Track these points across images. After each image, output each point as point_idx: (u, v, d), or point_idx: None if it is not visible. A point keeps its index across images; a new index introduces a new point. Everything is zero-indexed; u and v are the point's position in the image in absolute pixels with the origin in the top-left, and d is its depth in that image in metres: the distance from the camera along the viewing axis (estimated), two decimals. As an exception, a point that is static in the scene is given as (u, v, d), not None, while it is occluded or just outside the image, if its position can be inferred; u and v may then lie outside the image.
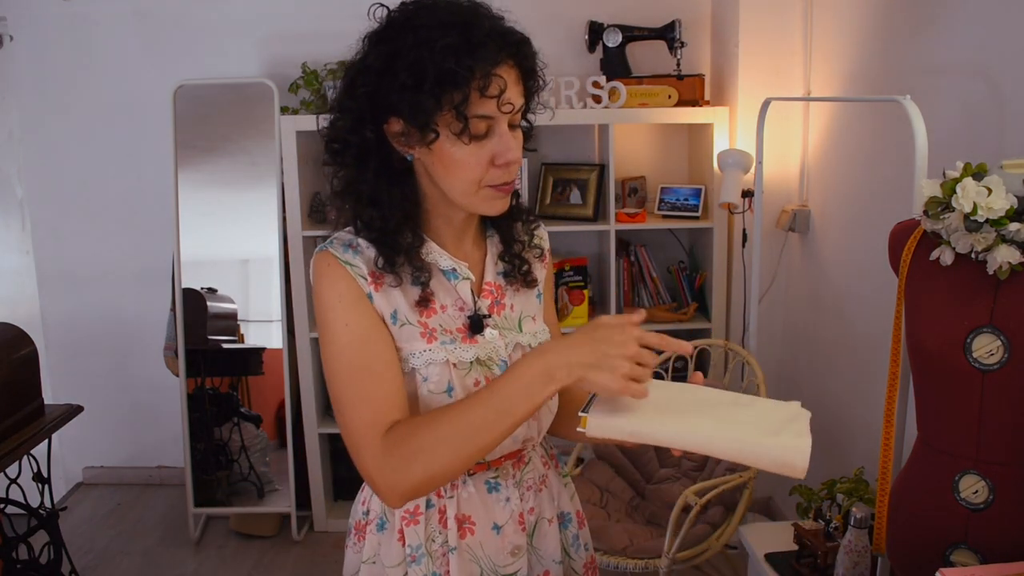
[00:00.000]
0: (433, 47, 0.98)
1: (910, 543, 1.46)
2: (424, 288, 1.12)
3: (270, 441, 3.21)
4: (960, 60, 1.91)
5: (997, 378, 1.30)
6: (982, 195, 1.30)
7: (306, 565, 2.99)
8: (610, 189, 2.96)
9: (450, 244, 1.17)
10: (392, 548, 1.19)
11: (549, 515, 1.26)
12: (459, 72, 0.98)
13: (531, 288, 1.24)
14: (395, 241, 1.10)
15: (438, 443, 1.02)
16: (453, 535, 1.17)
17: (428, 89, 0.99)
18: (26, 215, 3.40)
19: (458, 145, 1.04)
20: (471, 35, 0.99)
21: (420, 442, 1.02)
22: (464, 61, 0.98)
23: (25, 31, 3.25)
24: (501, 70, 1.02)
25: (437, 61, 0.98)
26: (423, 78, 0.99)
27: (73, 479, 3.61)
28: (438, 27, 1.00)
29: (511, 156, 1.05)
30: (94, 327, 3.47)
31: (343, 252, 1.11)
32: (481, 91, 1.00)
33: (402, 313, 1.12)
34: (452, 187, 1.08)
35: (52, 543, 2.43)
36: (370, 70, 1.04)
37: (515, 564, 1.20)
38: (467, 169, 1.05)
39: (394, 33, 1.03)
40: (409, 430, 1.04)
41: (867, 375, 2.40)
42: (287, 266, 3.00)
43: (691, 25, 3.10)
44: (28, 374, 2.32)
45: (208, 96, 3.08)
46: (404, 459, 1.02)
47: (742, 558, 2.49)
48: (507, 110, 1.03)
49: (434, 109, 1.00)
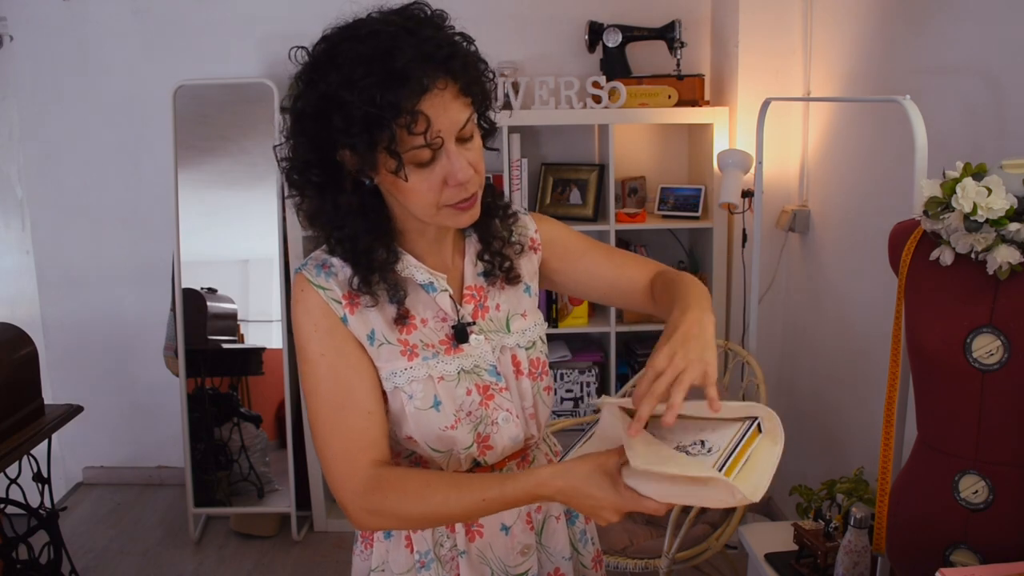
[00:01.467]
0: (355, 87, 0.95)
1: (910, 543, 1.46)
2: (400, 306, 1.11)
3: (270, 441, 3.21)
4: (960, 60, 1.91)
5: (997, 378, 1.30)
6: (982, 195, 1.30)
7: (306, 565, 2.99)
8: (610, 189, 2.96)
9: (427, 254, 1.15)
10: (400, 555, 1.19)
11: (556, 512, 1.27)
12: (382, 115, 0.95)
13: (515, 284, 1.22)
14: (369, 259, 1.08)
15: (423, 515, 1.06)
16: (461, 539, 1.17)
17: (357, 132, 0.97)
18: (26, 215, 3.40)
19: (411, 172, 1.01)
20: (392, 67, 0.95)
21: (404, 505, 1.05)
22: (386, 99, 0.95)
23: (25, 31, 3.25)
24: (429, 98, 0.97)
25: (361, 103, 0.95)
26: (351, 121, 0.97)
27: (73, 479, 3.61)
28: (360, 63, 0.96)
29: (461, 177, 1.02)
30: (94, 327, 3.47)
31: (316, 275, 1.10)
32: (408, 129, 0.96)
33: (380, 333, 1.11)
34: (413, 210, 1.07)
35: (52, 543, 2.43)
36: (305, 115, 1.02)
37: (525, 563, 1.21)
38: (420, 195, 1.03)
39: (319, 75, 1.00)
40: (398, 487, 1.06)
41: (867, 375, 2.40)
42: (287, 266, 3.00)
43: (691, 25, 3.10)
44: (28, 374, 2.32)
45: (208, 96, 3.08)
46: (384, 511, 1.06)
47: (742, 558, 2.49)
48: (437, 144, 0.99)
49: (369, 149, 0.98)
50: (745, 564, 2.34)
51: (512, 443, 1.18)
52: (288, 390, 3.08)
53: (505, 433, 1.16)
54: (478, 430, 1.14)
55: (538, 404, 1.21)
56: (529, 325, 1.22)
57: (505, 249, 1.21)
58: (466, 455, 1.14)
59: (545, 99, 2.91)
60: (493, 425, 1.15)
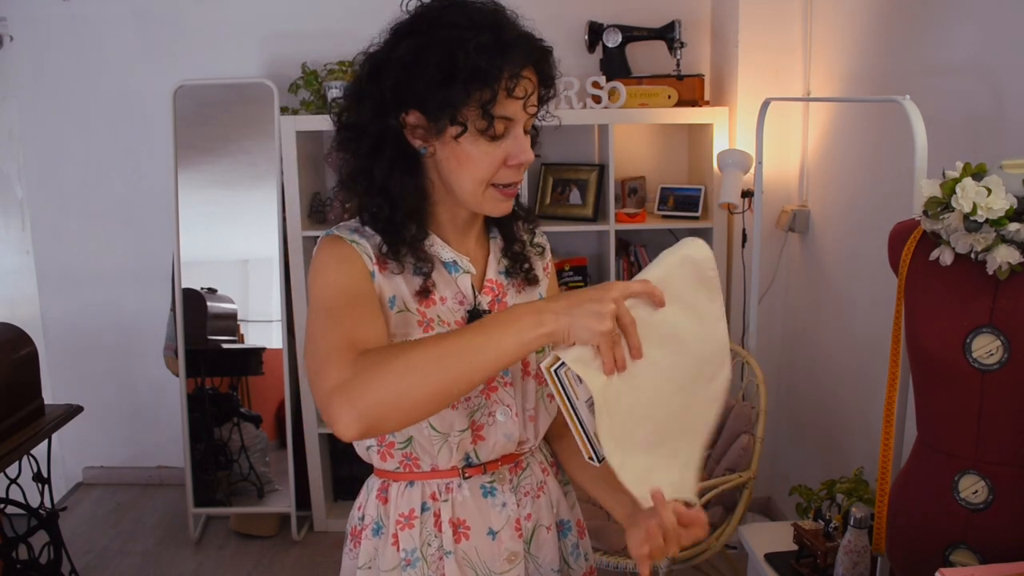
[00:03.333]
0: (466, 44, 1.00)
1: (910, 543, 1.46)
2: (426, 279, 1.13)
3: (270, 441, 3.21)
4: (960, 60, 1.91)
5: (997, 378, 1.30)
6: (982, 195, 1.30)
7: (306, 565, 2.99)
8: (610, 189, 2.96)
9: (453, 240, 1.18)
10: (387, 552, 1.19)
11: (547, 522, 1.25)
12: (490, 71, 1.00)
13: (533, 286, 1.25)
14: (400, 233, 1.11)
15: (412, 364, 0.93)
16: (448, 539, 1.17)
17: (459, 85, 1.01)
18: (26, 215, 3.40)
19: (477, 143, 1.05)
20: (502, 36, 1.02)
21: (392, 360, 0.93)
22: (495, 60, 1.01)
23: (25, 31, 3.26)
24: (527, 73, 1.05)
25: (470, 58, 1.00)
26: (454, 74, 1.00)
27: (73, 479, 3.61)
28: (470, 26, 1.01)
29: (524, 158, 1.07)
30: (94, 327, 3.47)
31: (350, 234, 1.12)
32: (508, 91, 1.03)
33: (401, 299, 1.12)
34: (461, 184, 1.09)
35: (52, 543, 2.43)
36: (398, 61, 1.05)
37: (512, 571, 1.19)
38: (480, 167, 1.07)
39: (425, 27, 1.04)
40: (383, 349, 0.98)
41: (867, 375, 2.40)
42: (287, 266, 3.00)
43: (691, 25, 3.10)
44: (28, 374, 2.33)
45: (208, 96, 3.08)
46: (370, 375, 0.93)
47: (742, 558, 2.49)
48: (531, 111, 1.07)
49: (461, 105, 1.02)
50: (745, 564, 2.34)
51: (506, 439, 1.17)
52: (288, 390, 3.08)
53: (500, 428, 1.16)
54: (473, 417, 1.15)
55: (539, 408, 1.21)
56: None
57: (526, 251, 1.25)
58: (459, 442, 1.14)
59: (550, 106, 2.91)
60: (489, 416, 1.16)
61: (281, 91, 2.98)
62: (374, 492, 1.22)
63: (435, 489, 1.17)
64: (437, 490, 1.17)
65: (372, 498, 1.22)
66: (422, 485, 1.18)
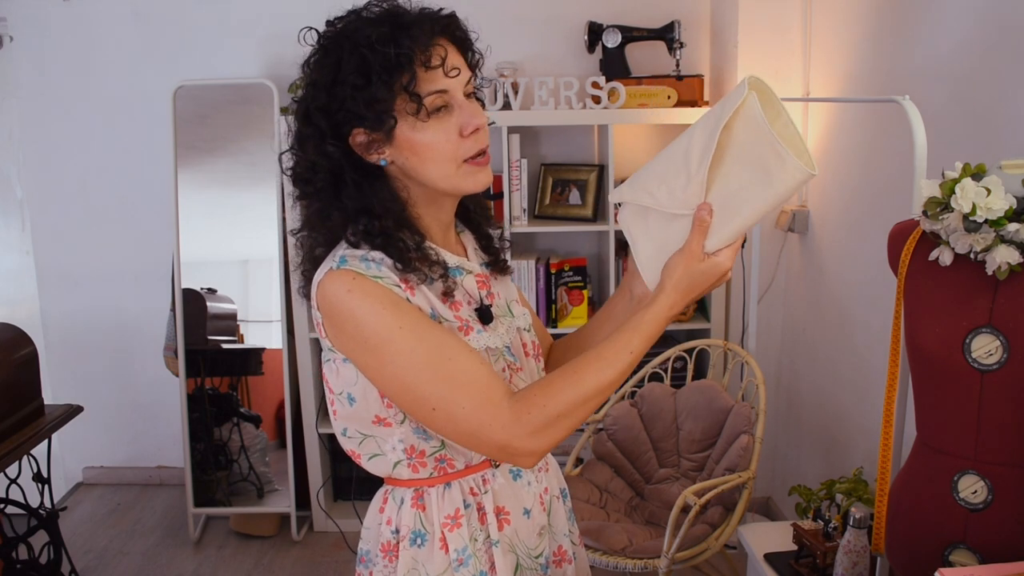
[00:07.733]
0: (370, 41, 1.02)
1: (909, 543, 1.46)
2: (445, 280, 1.12)
3: (270, 441, 3.21)
4: (960, 60, 1.91)
5: (996, 378, 1.31)
6: (981, 195, 1.31)
7: (306, 565, 2.99)
8: (610, 189, 2.96)
9: (441, 243, 1.18)
10: (434, 558, 1.16)
11: (556, 492, 1.30)
12: (400, 53, 1.01)
13: (507, 275, 1.28)
14: (400, 241, 1.09)
15: (584, 397, 1.04)
16: (494, 529, 1.18)
17: (376, 80, 1.02)
18: (26, 215, 3.40)
19: (421, 129, 1.05)
20: (400, 20, 1.04)
21: (561, 400, 1.04)
22: (402, 42, 1.02)
23: (25, 31, 3.26)
24: (439, 42, 1.05)
25: (377, 51, 1.01)
26: (369, 72, 1.02)
27: (73, 479, 3.61)
28: (368, 24, 1.04)
29: (476, 122, 1.07)
30: (94, 327, 3.47)
31: (367, 268, 1.06)
32: (425, 65, 1.03)
33: (437, 312, 1.11)
34: (431, 173, 1.09)
35: (52, 543, 2.43)
36: (319, 87, 1.06)
37: (541, 544, 1.23)
38: (438, 148, 1.07)
39: (331, 45, 1.06)
40: (545, 391, 1.05)
41: (866, 375, 2.40)
42: (287, 266, 3.00)
43: (690, 26, 3.10)
44: (28, 374, 2.33)
45: (208, 96, 3.08)
46: (546, 421, 1.03)
47: (741, 558, 2.49)
48: (454, 75, 1.05)
49: (388, 98, 1.03)
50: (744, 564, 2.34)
51: None
52: (288, 390, 3.08)
53: None
54: None
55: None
56: (524, 310, 1.28)
57: (496, 243, 1.28)
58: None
59: (544, 99, 2.91)
60: None
61: (281, 91, 2.98)
62: (407, 503, 1.18)
63: (472, 484, 1.18)
64: (475, 484, 1.18)
65: (406, 509, 1.18)
66: (459, 484, 1.17)
